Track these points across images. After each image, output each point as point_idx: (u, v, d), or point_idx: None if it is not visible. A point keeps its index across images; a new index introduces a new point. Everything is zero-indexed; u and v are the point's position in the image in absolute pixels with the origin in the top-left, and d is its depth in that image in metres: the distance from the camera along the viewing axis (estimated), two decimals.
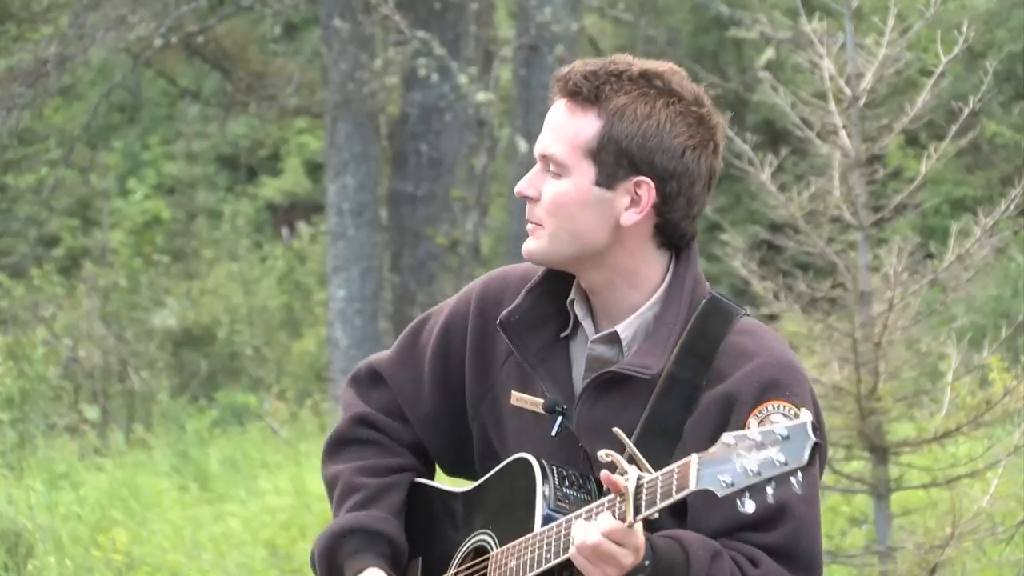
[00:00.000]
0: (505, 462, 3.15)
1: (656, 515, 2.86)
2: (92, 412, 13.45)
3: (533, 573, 3.01)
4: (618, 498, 2.90)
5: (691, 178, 3.09)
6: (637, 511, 2.86)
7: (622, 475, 2.88)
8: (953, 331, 6.58)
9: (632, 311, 3.13)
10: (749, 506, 2.77)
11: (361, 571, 3.21)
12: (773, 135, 14.91)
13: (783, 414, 3.01)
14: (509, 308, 3.18)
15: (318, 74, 15.48)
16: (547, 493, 3.04)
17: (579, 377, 3.17)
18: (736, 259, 6.63)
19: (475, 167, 14.34)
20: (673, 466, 2.84)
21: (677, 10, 18.66)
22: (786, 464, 2.73)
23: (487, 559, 3.13)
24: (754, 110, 16.87)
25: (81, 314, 15.29)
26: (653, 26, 17.36)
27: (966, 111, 6.30)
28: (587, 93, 3.08)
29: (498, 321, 3.18)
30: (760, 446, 2.75)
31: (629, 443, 2.88)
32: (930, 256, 6.42)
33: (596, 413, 3.11)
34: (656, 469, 2.92)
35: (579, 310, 3.17)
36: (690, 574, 2.95)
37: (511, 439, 3.18)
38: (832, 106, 6.37)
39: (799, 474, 2.73)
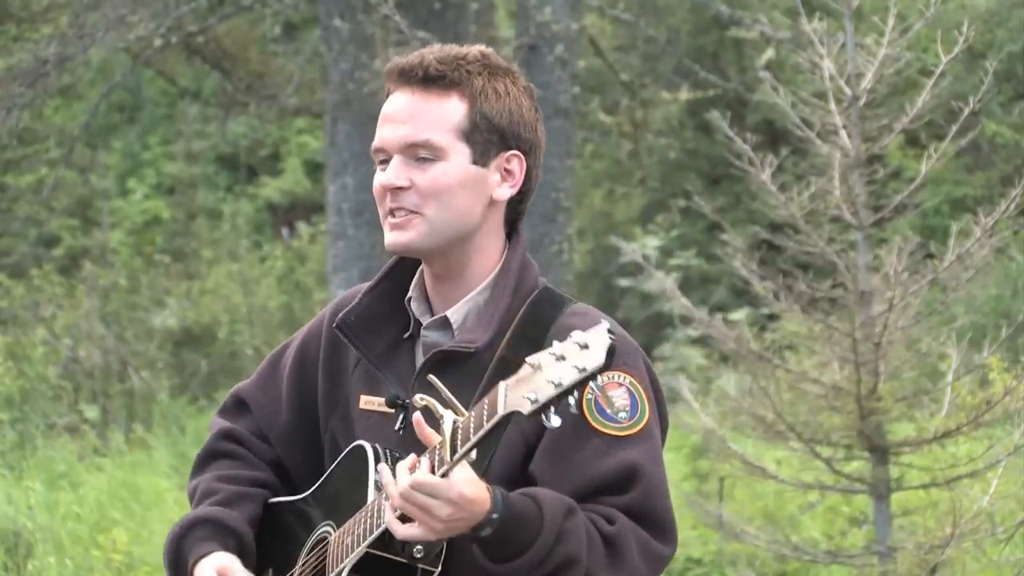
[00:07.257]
0: (342, 455, 3.17)
1: (474, 455, 2.87)
2: (92, 412, 13.44)
3: (368, 541, 3.02)
4: (437, 447, 2.93)
5: (541, 150, 3.21)
6: (454, 451, 2.88)
7: (439, 419, 2.92)
8: (953, 331, 6.58)
9: (464, 297, 3.18)
10: (555, 421, 2.78)
11: (206, 555, 3.21)
12: (773, 135, 14.93)
13: (618, 383, 3.06)
14: (345, 310, 3.22)
15: (318, 74, 15.48)
16: (380, 469, 3.03)
17: None
18: (736, 259, 6.63)
19: None
20: (484, 399, 2.87)
21: (677, 10, 18.65)
22: (585, 370, 2.74)
23: (326, 545, 3.15)
24: (754, 110, 16.87)
25: (81, 314, 15.28)
26: (653, 26, 17.34)
27: (966, 111, 6.30)
28: (449, 78, 3.13)
29: (335, 324, 3.21)
30: (561, 358, 2.76)
31: (443, 388, 2.91)
32: (930, 256, 6.42)
33: (431, 396, 3.11)
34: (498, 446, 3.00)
35: (417, 307, 3.21)
36: (543, 528, 2.96)
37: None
38: (832, 106, 6.38)
39: (598, 379, 2.74)
